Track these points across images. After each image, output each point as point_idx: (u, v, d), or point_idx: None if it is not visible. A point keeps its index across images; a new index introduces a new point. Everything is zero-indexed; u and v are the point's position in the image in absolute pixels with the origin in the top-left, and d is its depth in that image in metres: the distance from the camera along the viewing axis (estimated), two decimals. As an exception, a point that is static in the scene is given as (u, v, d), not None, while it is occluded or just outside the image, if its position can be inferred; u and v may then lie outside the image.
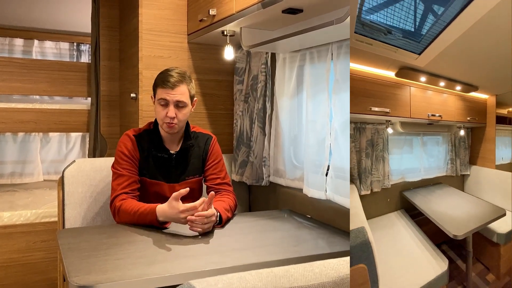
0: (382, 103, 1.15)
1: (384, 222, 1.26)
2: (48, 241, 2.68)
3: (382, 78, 1.13)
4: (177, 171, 1.94)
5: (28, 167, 3.44)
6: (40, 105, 3.19)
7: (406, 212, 1.29)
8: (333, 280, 0.83)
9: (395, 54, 1.05)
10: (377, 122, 1.28)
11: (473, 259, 1.12)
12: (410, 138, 1.34)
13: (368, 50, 1.00)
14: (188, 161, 1.96)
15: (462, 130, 1.28)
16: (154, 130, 1.94)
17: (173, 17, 2.44)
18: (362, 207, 1.07)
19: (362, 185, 1.21)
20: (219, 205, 1.82)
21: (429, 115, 1.22)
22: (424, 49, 1.04)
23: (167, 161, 1.92)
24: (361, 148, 1.25)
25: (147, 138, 1.93)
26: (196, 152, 1.99)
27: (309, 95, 2.06)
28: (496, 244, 1.08)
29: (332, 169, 1.89)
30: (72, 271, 1.26)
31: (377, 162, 1.27)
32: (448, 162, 1.30)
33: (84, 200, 2.09)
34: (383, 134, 1.28)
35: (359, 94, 1.03)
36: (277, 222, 1.93)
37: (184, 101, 1.84)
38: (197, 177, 1.99)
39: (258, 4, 1.76)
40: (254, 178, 2.35)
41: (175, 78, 1.82)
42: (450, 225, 1.15)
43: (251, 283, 0.77)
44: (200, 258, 1.44)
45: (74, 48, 4.15)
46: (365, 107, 1.08)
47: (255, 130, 2.32)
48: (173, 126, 1.85)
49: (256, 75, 2.32)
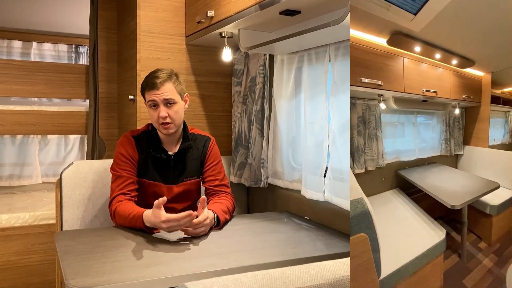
0: (374, 74, 1.08)
1: (381, 199, 1.26)
2: (46, 244, 2.68)
3: (373, 46, 1.05)
4: (175, 172, 1.94)
5: (26, 169, 3.44)
6: (39, 107, 3.20)
7: (402, 191, 1.30)
8: (329, 282, 0.82)
9: (388, 13, 0.97)
10: (369, 97, 1.24)
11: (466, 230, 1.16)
12: (404, 116, 1.33)
13: (359, 7, 0.93)
14: (186, 162, 1.96)
15: (457, 109, 1.26)
16: (153, 132, 1.94)
17: (171, 19, 2.44)
18: (357, 182, 1.06)
19: (356, 164, 1.19)
20: (217, 207, 1.82)
21: (424, 91, 1.19)
22: (420, 8, 0.97)
23: (166, 162, 1.92)
24: (352, 125, 1.22)
25: (146, 140, 1.93)
26: (195, 153, 1.99)
27: (307, 96, 2.05)
28: (488, 215, 1.12)
29: (330, 171, 1.89)
30: (69, 274, 1.26)
31: (370, 141, 1.24)
32: (443, 142, 1.29)
33: (82, 202, 2.08)
34: (375, 111, 1.25)
35: (349, 63, 1.00)
36: (275, 224, 1.93)
37: (173, 98, 1.83)
38: (195, 178, 1.99)
39: (255, 6, 1.76)
40: (252, 180, 2.34)
41: (159, 78, 1.82)
42: (447, 196, 1.16)
43: (247, 285, 0.77)
44: (197, 260, 1.44)
45: (73, 50, 4.15)
46: (355, 79, 1.00)
47: (253, 132, 2.32)
48: (168, 126, 1.85)
49: (254, 77, 2.32)
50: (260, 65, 2.27)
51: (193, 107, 2.51)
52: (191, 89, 2.51)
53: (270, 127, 2.30)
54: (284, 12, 1.77)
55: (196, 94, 2.53)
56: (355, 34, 0.97)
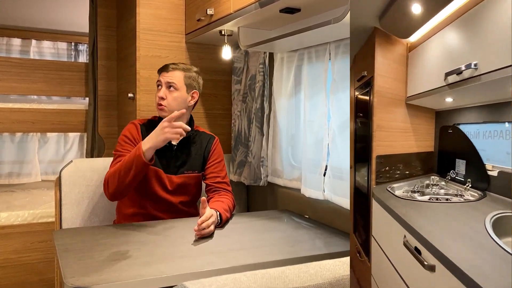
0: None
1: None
2: (46, 242, 2.67)
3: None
4: (176, 163, 1.97)
5: (26, 167, 3.43)
6: (38, 105, 3.18)
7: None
8: (328, 281, 0.82)
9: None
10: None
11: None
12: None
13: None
14: (189, 155, 1.99)
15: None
16: (158, 121, 1.96)
17: (171, 17, 2.43)
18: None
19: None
20: (219, 205, 1.83)
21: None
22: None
23: (168, 151, 1.95)
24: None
25: (151, 128, 1.95)
26: (198, 148, 2.02)
27: (307, 95, 2.05)
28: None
29: (330, 169, 1.88)
30: (67, 272, 1.26)
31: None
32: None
33: (81, 200, 2.08)
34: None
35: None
36: (275, 223, 1.93)
37: (175, 84, 1.93)
38: (196, 172, 2.01)
39: (255, 4, 1.76)
40: (252, 178, 2.34)
41: (173, 65, 1.96)
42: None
43: (246, 284, 0.76)
44: (197, 259, 1.43)
45: (72, 48, 4.14)
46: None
47: (253, 130, 2.31)
48: (162, 108, 1.93)
49: (254, 75, 2.31)
50: (260, 63, 2.27)
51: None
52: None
53: (270, 125, 2.30)
54: (284, 9, 1.77)
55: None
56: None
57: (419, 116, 1.01)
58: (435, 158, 1.00)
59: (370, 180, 0.96)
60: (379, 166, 0.95)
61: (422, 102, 0.97)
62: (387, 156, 0.99)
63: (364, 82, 1.02)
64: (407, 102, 1.00)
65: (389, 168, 0.99)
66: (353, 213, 1.04)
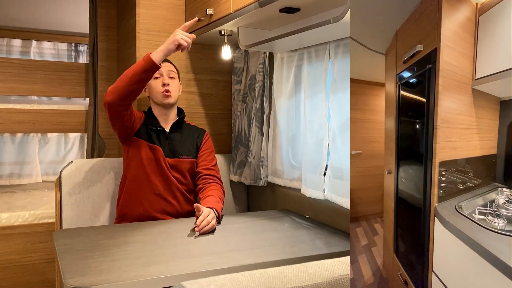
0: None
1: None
2: (46, 242, 2.67)
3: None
4: (171, 146, 2.05)
5: (26, 168, 3.43)
6: (38, 105, 3.18)
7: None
8: (327, 281, 0.81)
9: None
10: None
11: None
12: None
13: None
14: (181, 141, 2.09)
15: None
16: (149, 112, 2.12)
17: (171, 17, 2.43)
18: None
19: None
20: (211, 200, 1.87)
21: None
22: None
23: (162, 134, 2.06)
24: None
25: (145, 116, 2.11)
26: (190, 136, 2.13)
27: (307, 95, 2.05)
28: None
29: (330, 169, 1.88)
30: (67, 273, 1.26)
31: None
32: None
33: (82, 200, 2.08)
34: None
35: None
36: (275, 223, 1.93)
37: (174, 73, 2.10)
38: (190, 158, 2.09)
39: (255, 3, 1.75)
40: (252, 178, 2.34)
41: (167, 60, 2.05)
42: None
43: (244, 284, 0.76)
44: (197, 259, 1.43)
45: (72, 49, 4.13)
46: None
47: (253, 130, 2.31)
48: (169, 94, 2.03)
49: (254, 75, 2.31)
50: (260, 63, 2.27)
51: (192, 105, 2.50)
52: (191, 87, 2.50)
53: (270, 125, 2.29)
54: (284, 9, 1.77)
55: (195, 92, 2.53)
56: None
57: (484, 107, 0.76)
58: (499, 162, 0.77)
59: (432, 196, 0.72)
60: (443, 176, 0.72)
61: (490, 88, 0.72)
62: (451, 162, 0.74)
63: (416, 61, 0.75)
64: (474, 87, 0.74)
65: (453, 177, 0.76)
66: (395, 228, 0.82)
